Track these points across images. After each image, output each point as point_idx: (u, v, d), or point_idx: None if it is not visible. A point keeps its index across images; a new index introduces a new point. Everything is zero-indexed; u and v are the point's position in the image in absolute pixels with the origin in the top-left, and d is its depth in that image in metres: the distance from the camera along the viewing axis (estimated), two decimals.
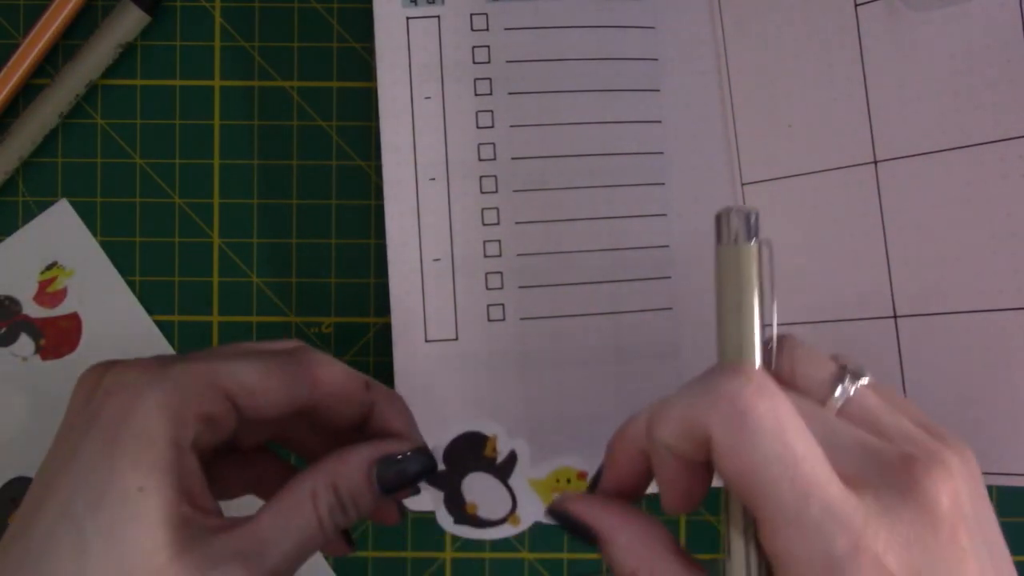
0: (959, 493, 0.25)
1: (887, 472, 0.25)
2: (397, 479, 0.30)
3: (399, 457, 0.30)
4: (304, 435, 0.32)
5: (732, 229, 0.26)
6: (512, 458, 0.32)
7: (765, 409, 0.24)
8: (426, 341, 0.38)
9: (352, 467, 0.29)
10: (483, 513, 0.32)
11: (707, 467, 0.27)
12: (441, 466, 0.32)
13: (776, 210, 0.37)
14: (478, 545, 0.39)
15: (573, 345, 0.38)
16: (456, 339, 0.38)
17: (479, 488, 0.32)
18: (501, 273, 0.38)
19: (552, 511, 0.30)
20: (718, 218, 0.27)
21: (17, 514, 0.27)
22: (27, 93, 0.39)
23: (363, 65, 0.39)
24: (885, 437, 0.26)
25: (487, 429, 0.32)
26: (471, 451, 0.32)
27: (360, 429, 0.31)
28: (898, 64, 0.35)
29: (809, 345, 0.29)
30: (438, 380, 0.37)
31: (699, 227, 0.38)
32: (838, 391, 0.27)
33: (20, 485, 0.39)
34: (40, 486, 0.27)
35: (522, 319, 0.38)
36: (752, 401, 0.24)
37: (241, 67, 0.39)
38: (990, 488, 0.39)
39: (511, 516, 0.32)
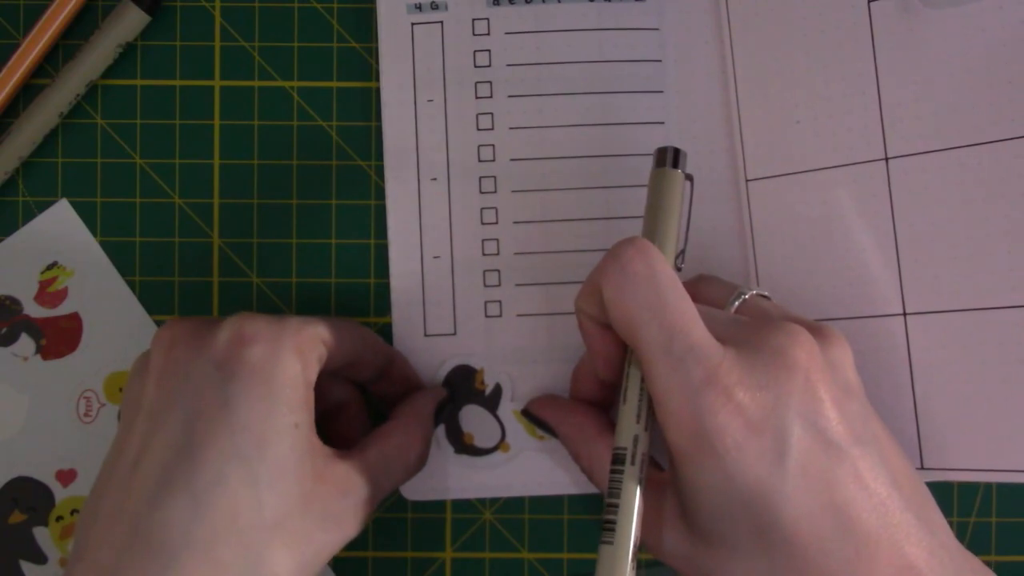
0: (815, 353, 0.29)
1: (750, 333, 0.29)
2: (441, 415, 0.38)
3: (444, 399, 0.38)
4: (327, 383, 0.36)
5: (669, 159, 0.33)
6: (497, 390, 0.38)
7: (641, 265, 0.29)
8: (425, 335, 0.38)
9: (430, 414, 0.36)
10: (478, 442, 0.38)
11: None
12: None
13: (782, 206, 0.37)
14: (478, 545, 0.39)
15: (568, 342, 0.38)
16: (454, 334, 0.38)
17: (473, 419, 0.38)
18: (498, 271, 0.38)
19: (523, 411, 0.38)
20: (660, 150, 0.33)
21: (150, 466, 0.29)
22: (27, 93, 0.39)
23: (363, 65, 0.39)
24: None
25: (475, 363, 0.38)
26: (464, 382, 0.38)
27: (381, 377, 0.37)
28: (912, 61, 0.35)
29: (719, 277, 0.35)
30: (436, 372, 0.39)
31: (701, 228, 0.38)
32: (736, 301, 0.33)
33: (20, 485, 0.39)
34: (181, 432, 0.29)
35: (518, 316, 0.38)
36: (632, 259, 0.29)
37: (241, 67, 0.39)
38: (992, 494, 0.39)
39: (502, 444, 0.38)
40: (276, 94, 0.39)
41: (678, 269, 0.32)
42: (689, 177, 0.33)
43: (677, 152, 0.33)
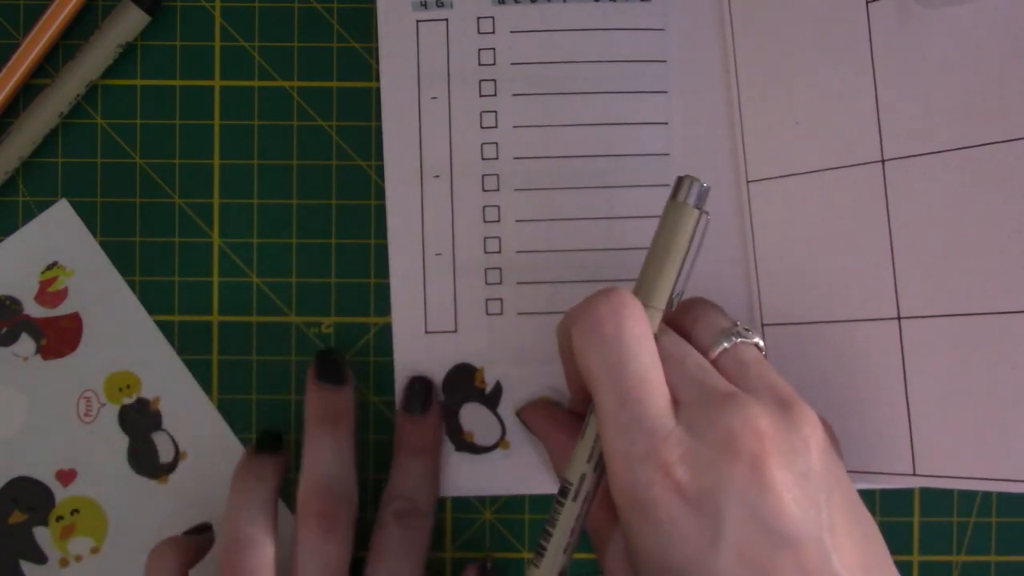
0: (767, 437, 0.28)
1: (707, 404, 0.29)
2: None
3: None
4: None
5: (686, 192, 0.31)
6: (498, 388, 0.38)
7: (611, 326, 0.29)
8: (426, 332, 0.38)
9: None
10: (479, 440, 0.38)
11: None
12: (441, 397, 0.38)
13: (781, 208, 0.37)
14: (478, 545, 0.39)
15: None
16: (455, 331, 0.38)
17: (473, 417, 0.38)
18: (500, 269, 0.38)
19: (516, 413, 0.38)
20: (679, 180, 0.31)
21: None
22: (27, 93, 0.39)
23: (363, 65, 0.39)
24: (741, 384, 0.30)
25: (476, 361, 0.38)
26: (464, 380, 0.38)
27: None
28: (908, 62, 0.35)
29: (715, 306, 0.34)
30: (436, 370, 0.39)
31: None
32: (723, 343, 0.31)
33: (21, 485, 0.39)
34: None
35: (519, 314, 0.38)
36: (603, 318, 0.29)
37: (241, 67, 0.39)
38: (991, 495, 0.39)
39: (502, 441, 0.38)
40: (276, 94, 0.39)
41: (669, 304, 0.32)
42: (706, 216, 0.32)
43: (699, 186, 0.31)
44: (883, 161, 0.35)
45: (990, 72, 0.33)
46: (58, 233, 0.39)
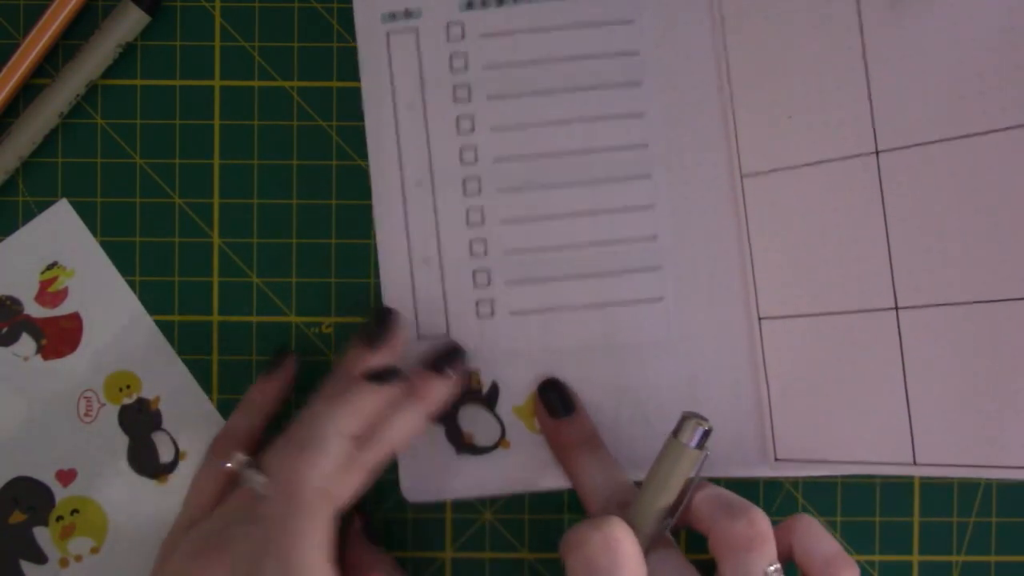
0: None
1: None
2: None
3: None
4: None
5: (688, 434, 0.32)
6: (495, 388, 0.38)
7: (606, 559, 0.30)
8: (418, 338, 0.38)
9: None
10: (479, 441, 0.39)
11: None
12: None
13: (776, 201, 0.37)
14: (478, 545, 0.39)
15: (564, 338, 0.38)
16: (447, 335, 0.38)
17: (472, 418, 0.39)
18: (488, 271, 0.38)
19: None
20: (683, 419, 0.33)
21: None
22: (27, 93, 0.39)
23: None
24: None
25: (470, 364, 0.38)
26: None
27: None
28: (900, 53, 0.35)
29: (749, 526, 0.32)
30: None
31: (690, 216, 0.38)
32: None
33: (20, 485, 0.39)
34: None
35: (511, 314, 0.38)
36: (596, 548, 0.30)
37: (241, 67, 0.39)
38: (992, 495, 0.39)
39: (502, 441, 0.38)
40: (276, 94, 0.39)
41: (665, 525, 0.33)
42: (705, 451, 0.33)
43: (701, 430, 0.32)
44: (877, 153, 0.35)
45: (982, 62, 0.33)
46: (58, 233, 0.39)
